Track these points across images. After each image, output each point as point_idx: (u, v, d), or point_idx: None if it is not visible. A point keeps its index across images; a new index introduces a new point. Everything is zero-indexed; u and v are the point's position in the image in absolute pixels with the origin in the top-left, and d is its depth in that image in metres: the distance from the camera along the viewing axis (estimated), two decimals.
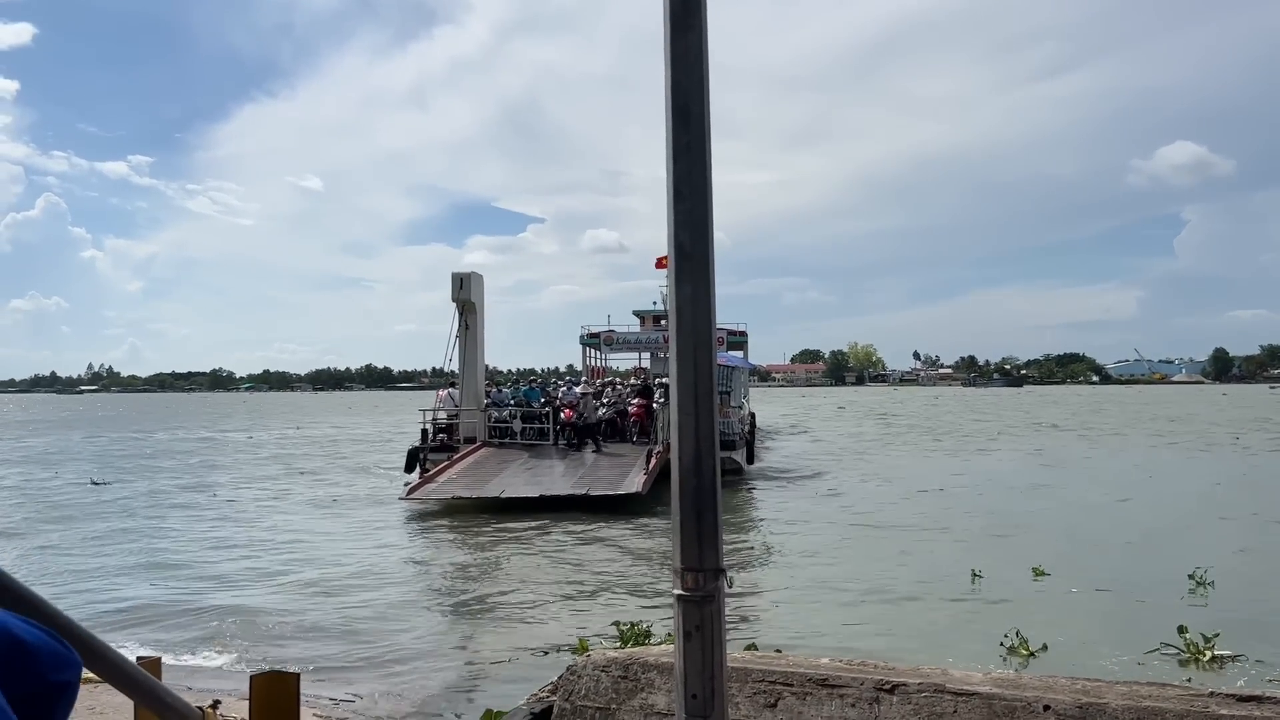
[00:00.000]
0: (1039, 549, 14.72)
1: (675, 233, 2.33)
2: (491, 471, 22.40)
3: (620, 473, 21.47)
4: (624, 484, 20.19)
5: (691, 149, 2.31)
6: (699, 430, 2.32)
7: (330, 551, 16.35)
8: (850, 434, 49.94)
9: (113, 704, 7.09)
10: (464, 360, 26.60)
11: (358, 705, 8.01)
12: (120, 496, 24.90)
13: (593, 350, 41.87)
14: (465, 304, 26.49)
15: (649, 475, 20.61)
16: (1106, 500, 21.62)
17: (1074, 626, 10.46)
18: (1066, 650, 9.36)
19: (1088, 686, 3.42)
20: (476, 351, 26.83)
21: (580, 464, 23.19)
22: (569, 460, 23.78)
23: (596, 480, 20.90)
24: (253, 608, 12.14)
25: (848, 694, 3.45)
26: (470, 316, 26.68)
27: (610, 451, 24.46)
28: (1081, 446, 38.94)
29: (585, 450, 24.67)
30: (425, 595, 13.04)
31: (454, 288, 26.52)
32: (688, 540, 2.32)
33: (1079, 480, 26.26)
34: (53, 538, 18.13)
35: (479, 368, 27.01)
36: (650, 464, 21.38)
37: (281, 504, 23.11)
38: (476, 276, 26.93)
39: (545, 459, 23.90)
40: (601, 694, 3.86)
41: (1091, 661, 8.91)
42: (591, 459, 23.73)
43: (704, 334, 2.37)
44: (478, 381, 26.69)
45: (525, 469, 22.61)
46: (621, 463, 22.72)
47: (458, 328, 26.44)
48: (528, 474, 22.05)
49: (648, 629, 9.16)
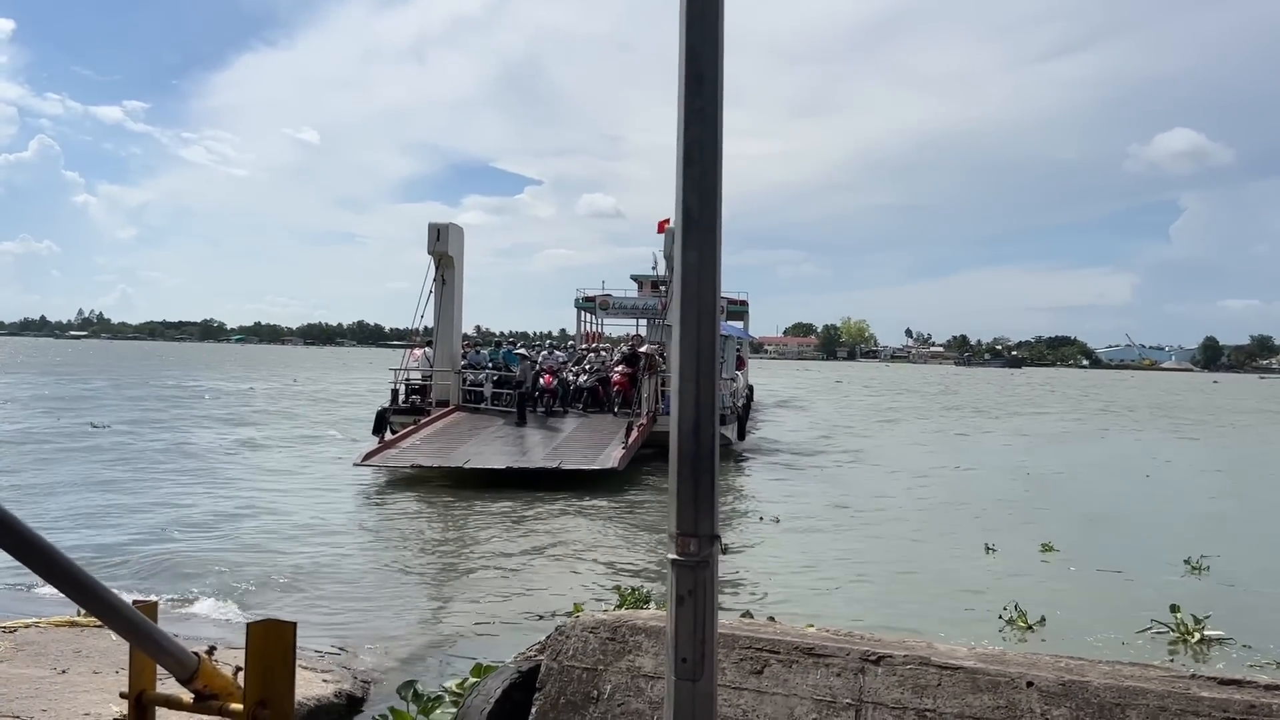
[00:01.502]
0: (1051, 526, 15.01)
1: (684, 198, 2.32)
2: (459, 438, 21.16)
3: (597, 446, 20.23)
4: (600, 458, 19.07)
5: (704, 114, 2.29)
6: (699, 397, 2.32)
7: (296, 505, 16.44)
8: (850, 408, 49.88)
9: (98, 648, 7.13)
10: (439, 318, 25.35)
11: (342, 658, 8.05)
12: (120, 441, 24.97)
13: (588, 315, 40.90)
14: (442, 257, 25.12)
15: (628, 450, 19.50)
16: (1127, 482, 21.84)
17: (1073, 602, 10.73)
18: (1062, 625, 9.65)
19: (1070, 664, 3.46)
20: (453, 309, 25.52)
21: (556, 434, 21.99)
22: (545, 429, 22.57)
23: (571, 453, 19.73)
24: (228, 560, 12.17)
25: (833, 663, 3.48)
26: (448, 271, 25.34)
27: (589, 423, 23.13)
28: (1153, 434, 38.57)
29: (565, 419, 23.58)
30: (399, 558, 13.06)
31: (430, 239, 25.00)
32: (684, 506, 2.33)
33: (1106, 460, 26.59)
34: (40, 477, 18.20)
35: (455, 326, 25.71)
36: (630, 438, 20.17)
37: (264, 457, 23.19)
38: (455, 228, 25.63)
39: (520, 427, 22.69)
40: (589, 655, 3.89)
41: (1085, 637, 9.17)
42: (571, 429, 22.52)
43: (708, 302, 2.36)
44: (453, 341, 25.38)
45: (497, 437, 21.41)
46: (600, 435, 21.41)
47: (433, 283, 25.15)
48: (499, 443, 20.88)
49: (647, 594, 9.32)
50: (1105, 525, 16.07)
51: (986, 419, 45.95)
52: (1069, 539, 14.16)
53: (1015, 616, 9.70)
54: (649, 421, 21.74)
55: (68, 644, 7.17)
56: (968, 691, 3.30)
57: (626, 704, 3.77)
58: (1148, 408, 59.57)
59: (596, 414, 23.88)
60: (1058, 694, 3.24)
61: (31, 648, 7.03)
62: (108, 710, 5.56)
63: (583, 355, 27.65)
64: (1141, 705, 3.19)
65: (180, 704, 1.75)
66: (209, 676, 1.69)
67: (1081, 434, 37.28)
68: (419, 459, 19.30)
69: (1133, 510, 17.97)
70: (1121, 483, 22.15)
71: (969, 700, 3.33)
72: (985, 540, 13.68)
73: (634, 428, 20.68)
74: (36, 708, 5.61)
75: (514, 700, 4.08)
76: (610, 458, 18.96)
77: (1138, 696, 3.20)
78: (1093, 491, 20.46)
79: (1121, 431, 38.91)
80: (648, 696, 3.77)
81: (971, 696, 3.33)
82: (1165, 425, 43.29)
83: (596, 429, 22.17)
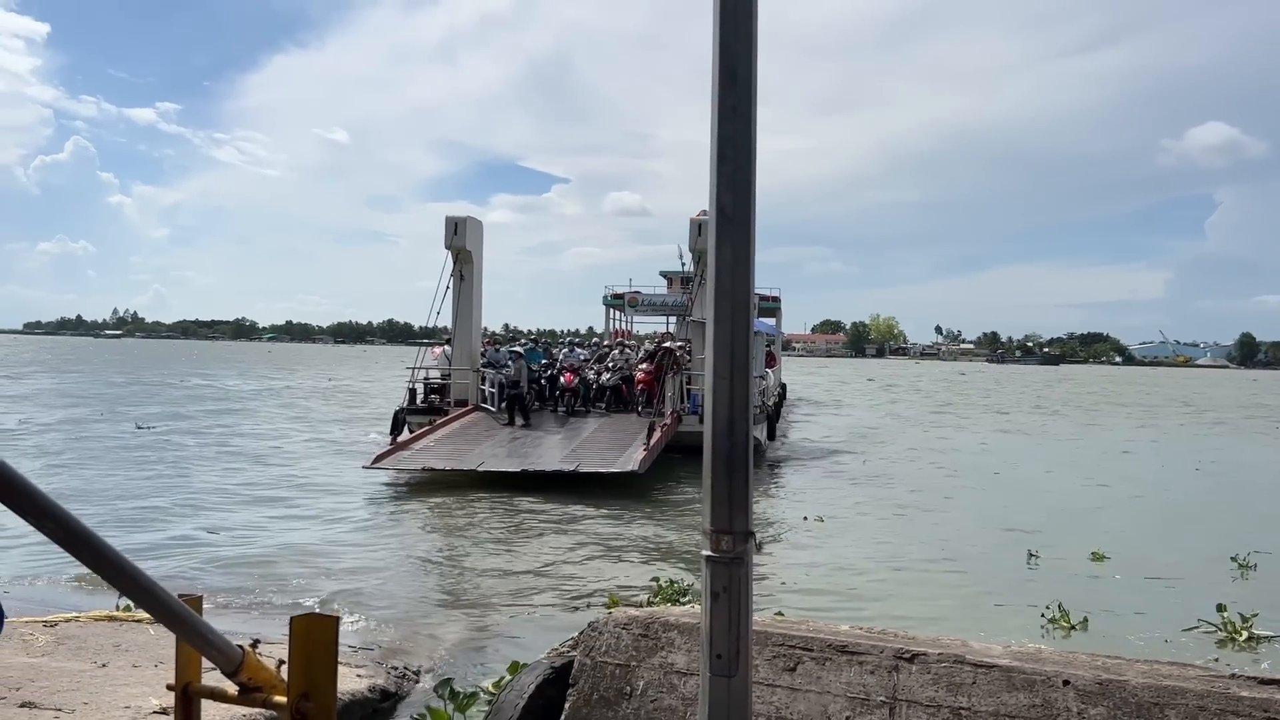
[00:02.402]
0: (1103, 527, 14.91)
1: (718, 195, 2.32)
2: (475, 439, 20.49)
3: (618, 448, 19.37)
4: (619, 460, 18.18)
5: (738, 111, 2.29)
6: (734, 394, 2.33)
7: (331, 504, 16.56)
8: (886, 407, 49.03)
9: (137, 642, 7.23)
10: (457, 315, 24.54)
11: (376, 653, 8.12)
12: (165, 440, 25.31)
13: (617, 312, 40.48)
14: (460, 252, 24.30)
15: (649, 451, 18.56)
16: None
17: (1118, 601, 10.66)
18: (1107, 624, 9.58)
19: (1108, 663, 3.43)
20: (471, 305, 24.71)
21: (577, 435, 21.19)
22: (566, 429, 21.76)
23: (590, 455, 18.93)
24: (263, 557, 12.32)
25: (867, 661, 3.47)
26: (466, 267, 24.54)
27: (611, 423, 22.23)
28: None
29: (587, 419, 22.77)
30: (428, 555, 13.14)
31: (447, 234, 24.10)
32: (718, 503, 2.33)
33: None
34: (89, 476, 18.50)
35: (474, 324, 24.94)
36: (652, 439, 19.16)
37: (302, 455, 23.40)
38: (474, 222, 24.91)
39: (538, 428, 21.96)
40: (622, 651, 3.90)
41: (1129, 636, 9.11)
42: (592, 429, 21.63)
43: (742, 299, 2.36)
44: (472, 339, 24.58)
45: (513, 438, 20.77)
46: (622, 436, 20.56)
47: (451, 278, 24.32)
48: (515, 444, 20.17)
49: (686, 586, 9.38)
50: (1154, 524, 15.92)
51: (1045, 415, 45.24)
52: (1119, 538, 14.04)
53: (1058, 616, 9.65)
54: (673, 421, 21.12)
55: (107, 638, 7.29)
56: (1003, 690, 3.28)
57: (660, 700, 3.78)
58: (1237, 407, 58.12)
59: (620, 414, 23.10)
60: (1095, 693, 3.22)
61: (72, 641, 7.15)
62: (148, 703, 5.64)
63: (605, 353, 26.70)
64: (1180, 705, 3.16)
65: (225, 696, 1.78)
66: (253, 669, 1.72)
67: (1183, 438, 36.47)
68: (431, 461, 18.75)
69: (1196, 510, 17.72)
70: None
71: (1004, 699, 3.31)
72: (1035, 542, 13.55)
73: (656, 428, 19.82)
74: (78, 700, 5.71)
75: (547, 696, 4.10)
76: (631, 460, 18.11)
77: (1176, 696, 3.16)
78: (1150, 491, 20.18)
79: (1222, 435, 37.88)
80: (681, 693, 3.77)
81: (1007, 695, 3.31)
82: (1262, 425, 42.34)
83: (619, 429, 21.40)
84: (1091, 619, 9.69)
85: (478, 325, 25.42)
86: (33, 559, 10.97)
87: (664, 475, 19.04)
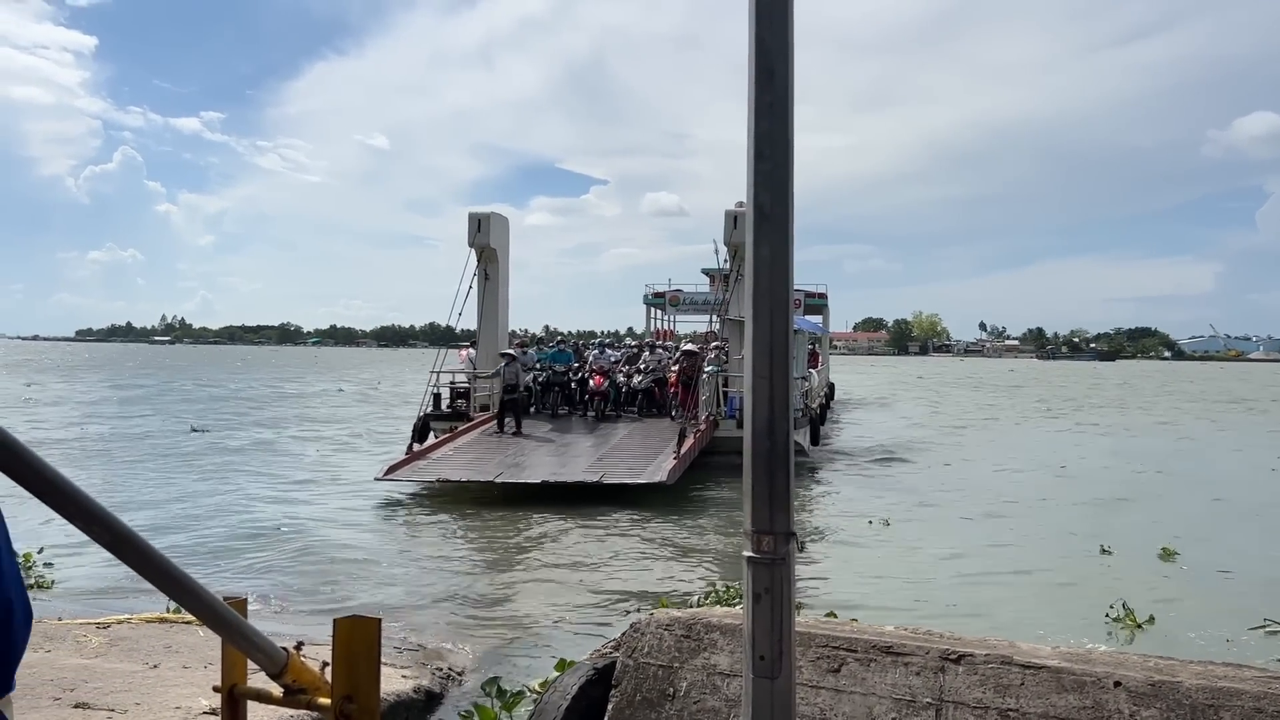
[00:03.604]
0: (1172, 522, 14.73)
1: (755, 194, 2.31)
2: (497, 448, 19.44)
3: (647, 456, 18.23)
4: (648, 470, 17.05)
5: (774, 109, 2.28)
6: (774, 394, 2.31)
7: (375, 509, 16.70)
8: (941, 406, 47.74)
9: (187, 643, 7.35)
10: (482, 316, 23.40)
11: (420, 654, 8.18)
12: (219, 443, 25.80)
13: (658, 312, 39.63)
14: (484, 249, 23.18)
15: (680, 460, 17.47)
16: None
17: (1185, 601, 10.54)
18: (1172, 623, 9.44)
19: (1160, 664, 3.36)
20: (497, 306, 23.64)
21: (604, 442, 19.97)
22: (596, 436, 20.62)
23: (617, 464, 17.79)
24: (304, 558, 12.49)
25: (913, 662, 3.43)
26: (491, 265, 23.42)
27: (642, 429, 21.08)
28: None
29: (618, 424, 21.58)
30: (468, 556, 13.25)
31: (470, 231, 23.02)
32: (759, 503, 2.32)
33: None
34: (146, 479, 18.86)
35: (500, 325, 23.90)
36: (683, 447, 18.02)
37: (350, 459, 23.66)
38: (498, 218, 23.88)
39: (566, 434, 20.85)
40: (664, 652, 3.89)
41: (1192, 635, 8.98)
42: (621, 435, 20.47)
43: (781, 297, 2.35)
44: (498, 341, 23.39)
45: (537, 446, 19.71)
46: (653, 443, 19.39)
47: (475, 277, 23.10)
48: (539, 452, 19.15)
49: (740, 590, 9.27)
50: (1224, 521, 15.63)
51: (1120, 411, 44.17)
52: (1188, 536, 13.81)
53: (1123, 615, 9.52)
54: (709, 426, 20.11)
55: (158, 639, 7.41)
56: (1052, 691, 3.23)
57: (703, 701, 3.77)
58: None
59: (654, 418, 22.01)
60: (1147, 694, 3.15)
61: (124, 643, 7.28)
62: (198, 704, 5.72)
63: (637, 354, 25.14)
64: (1235, 707, 3.09)
65: (271, 698, 1.80)
66: (298, 671, 1.73)
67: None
68: (446, 472, 17.65)
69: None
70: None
71: (1053, 700, 3.26)
72: (1103, 540, 13.36)
73: (687, 435, 18.64)
74: (130, 701, 5.81)
75: (590, 697, 4.10)
76: (660, 470, 16.98)
77: (1232, 698, 3.09)
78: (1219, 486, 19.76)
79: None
80: (724, 694, 3.76)
81: (1056, 696, 3.25)
82: None
83: (650, 435, 20.25)
84: (1157, 617, 9.54)
85: (504, 327, 24.48)
86: (85, 561, 11.18)
87: (701, 480, 18.46)
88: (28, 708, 5.49)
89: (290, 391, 53.38)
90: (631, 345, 28.42)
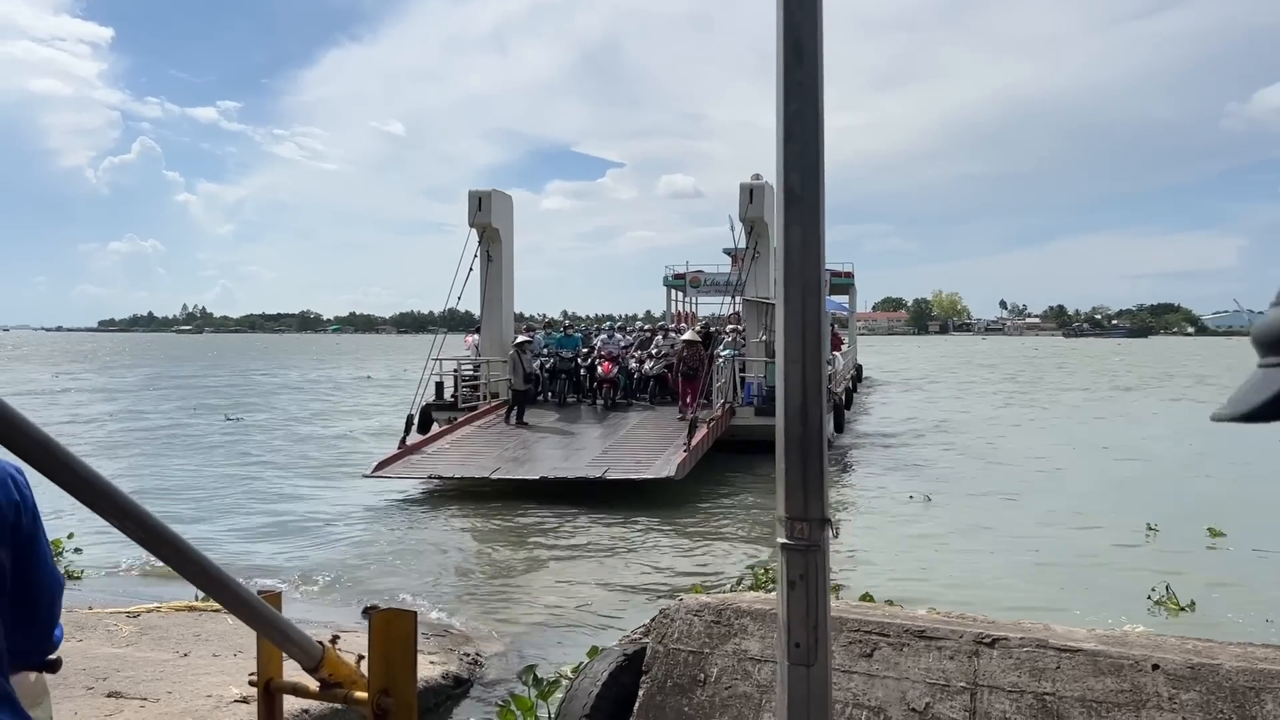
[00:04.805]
0: (1217, 505, 14.49)
1: (785, 175, 2.26)
2: (497, 439, 18.56)
3: (656, 449, 17.18)
4: (655, 465, 16.00)
5: (804, 87, 2.22)
6: (806, 378, 2.27)
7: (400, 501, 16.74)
8: (970, 385, 46.53)
9: (216, 632, 7.40)
10: (485, 300, 22.40)
11: (448, 641, 8.23)
12: (252, 433, 26.11)
13: (679, 294, 38.81)
14: (486, 229, 21.98)
15: (691, 453, 16.37)
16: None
17: (1230, 583, 10.41)
18: (1216, 605, 9.33)
19: (1199, 646, 3.32)
20: (501, 289, 22.58)
21: (612, 433, 19.06)
22: (604, 426, 19.67)
23: (622, 458, 16.75)
24: (330, 551, 12.57)
25: (946, 646, 3.40)
26: (493, 245, 22.32)
27: (653, 418, 20.02)
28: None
29: (629, 412, 20.66)
30: (490, 544, 13.28)
31: (470, 210, 21.82)
32: (792, 489, 2.28)
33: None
34: (177, 468, 19.05)
35: (504, 308, 22.84)
36: (694, 439, 16.81)
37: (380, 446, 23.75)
38: (500, 196, 22.65)
39: (573, 424, 19.99)
40: (694, 638, 3.88)
41: (1231, 615, 8.87)
42: (630, 426, 19.50)
43: (812, 280, 2.30)
44: (502, 326, 22.50)
45: (541, 437, 18.83)
46: (663, 433, 18.32)
47: (477, 259, 21.94)
48: (542, 444, 18.29)
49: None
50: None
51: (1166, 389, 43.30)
52: (1236, 515, 13.62)
53: (1165, 598, 9.45)
54: (724, 415, 19.14)
55: (188, 628, 7.47)
56: (1089, 675, 3.19)
57: (734, 687, 3.75)
58: None
59: (666, 406, 20.85)
60: (1186, 677, 3.11)
61: (154, 632, 7.35)
62: (228, 692, 5.77)
63: (648, 338, 23.89)
64: (1277, 689, 3.04)
65: (307, 692, 1.79)
66: (333, 665, 1.72)
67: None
68: (440, 468, 16.75)
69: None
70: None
71: (1090, 684, 3.22)
72: (1149, 518, 13.22)
73: (697, 426, 17.39)
74: (162, 689, 5.86)
75: (621, 683, 4.09)
76: (669, 464, 15.87)
77: (1273, 680, 3.05)
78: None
79: None
80: (755, 679, 3.74)
81: (1093, 680, 3.21)
82: None
83: (661, 425, 19.21)
84: (1200, 598, 9.42)
85: (509, 310, 23.48)
86: (116, 551, 11.30)
87: (719, 471, 17.67)
88: (61, 697, 5.53)
89: (318, 379, 53.72)
90: (644, 329, 27.18)
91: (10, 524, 1.86)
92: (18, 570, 1.85)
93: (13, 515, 1.87)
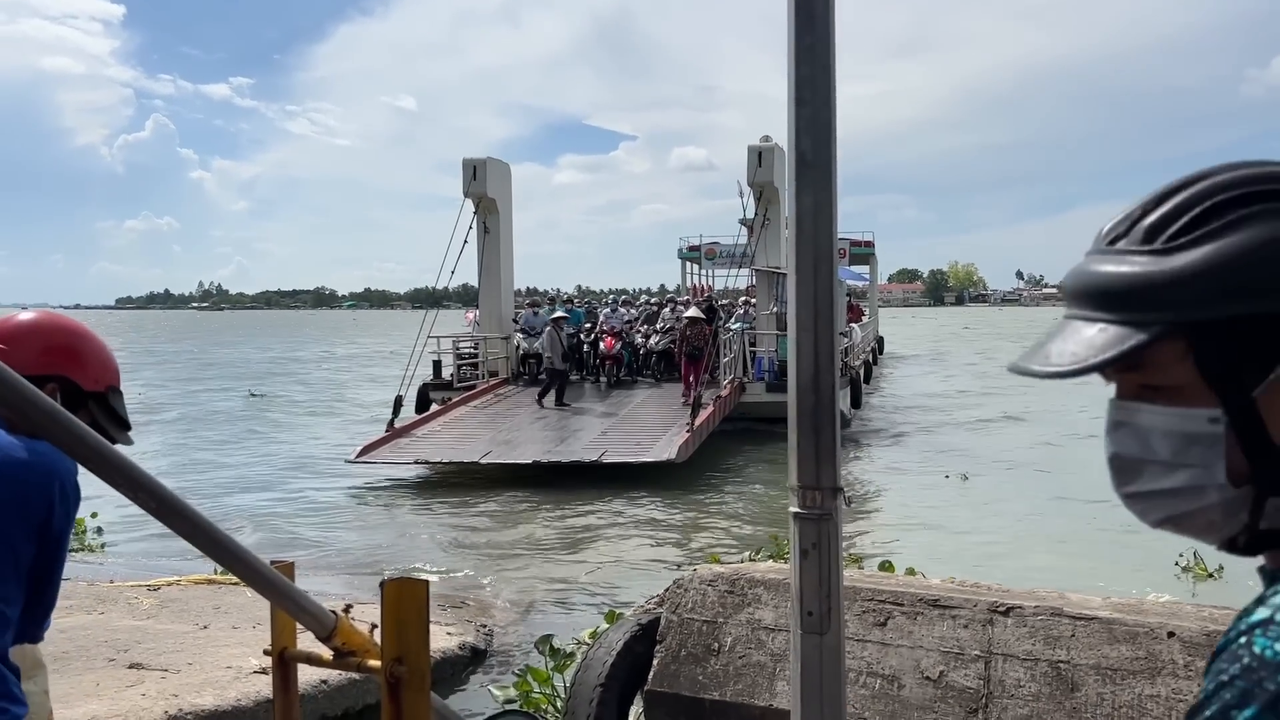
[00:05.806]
0: None
1: (797, 140, 2.24)
2: (492, 421, 17.81)
3: (658, 429, 16.54)
4: (655, 448, 15.31)
5: (815, 51, 2.20)
6: (818, 347, 2.25)
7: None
8: (996, 358, 46.25)
9: (235, 604, 7.48)
10: (483, 273, 21.55)
11: (464, 611, 8.29)
12: (272, 407, 26.41)
13: (694, 266, 38.29)
14: (482, 199, 20.97)
15: (694, 434, 15.68)
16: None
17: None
18: (1243, 572, 9.23)
19: (1215, 614, 3.31)
20: (499, 262, 21.66)
21: (616, 411, 18.43)
22: (606, 405, 18.99)
23: (621, 440, 16.10)
24: (343, 522, 12.67)
25: (960, 615, 3.41)
26: (490, 216, 21.34)
27: (659, 395, 19.35)
28: None
29: (634, 390, 20.05)
30: (508, 517, 13.33)
31: (465, 178, 20.75)
32: (804, 458, 2.28)
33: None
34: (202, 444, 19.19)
35: (503, 282, 21.93)
36: (697, 419, 16.08)
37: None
38: (496, 164, 21.74)
39: (574, 402, 19.18)
40: (708, 607, 3.90)
41: (1251, 583, 8.78)
42: (633, 405, 18.88)
43: (825, 247, 2.28)
44: (501, 301, 21.69)
45: (538, 418, 18.10)
46: (668, 412, 17.74)
47: (474, 231, 20.90)
48: (539, 425, 17.58)
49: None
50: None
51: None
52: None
53: (1192, 564, 9.42)
54: (732, 391, 18.57)
55: (207, 600, 7.55)
56: (1104, 642, 3.19)
57: (748, 656, 3.77)
58: None
59: (673, 382, 19.80)
60: (1202, 645, 3.11)
61: (174, 604, 7.43)
62: (248, 663, 5.83)
63: (655, 312, 22.85)
64: None
65: (321, 660, 1.80)
66: (347, 634, 1.73)
67: None
68: (426, 453, 15.95)
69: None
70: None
71: (1105, 651, 3.22)
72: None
73: (701, 405, 16.63)
74: (183, 661, 5.93)
75: (635, 653, 4.12)
76: (670, 446, 15.17)
77: None
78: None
79: None
80: (769, 649, 3.76)
81: (1108, 648, 3.21)
82: None
83: (666, 404, 18.52)
84: (1228, 564, 9.36)
85: (508, 284, 22.62)
86: (134, 523, 11.41)
87: (728, 450, 17.21)
88: (83, 669, 5.62)
89: (341, 354, 53.92)
90: (651, 302, 25.94)
91: (40, 520, 1.94)
92: (39, 565, 1.95)
93: (44, 513, 1.95)
